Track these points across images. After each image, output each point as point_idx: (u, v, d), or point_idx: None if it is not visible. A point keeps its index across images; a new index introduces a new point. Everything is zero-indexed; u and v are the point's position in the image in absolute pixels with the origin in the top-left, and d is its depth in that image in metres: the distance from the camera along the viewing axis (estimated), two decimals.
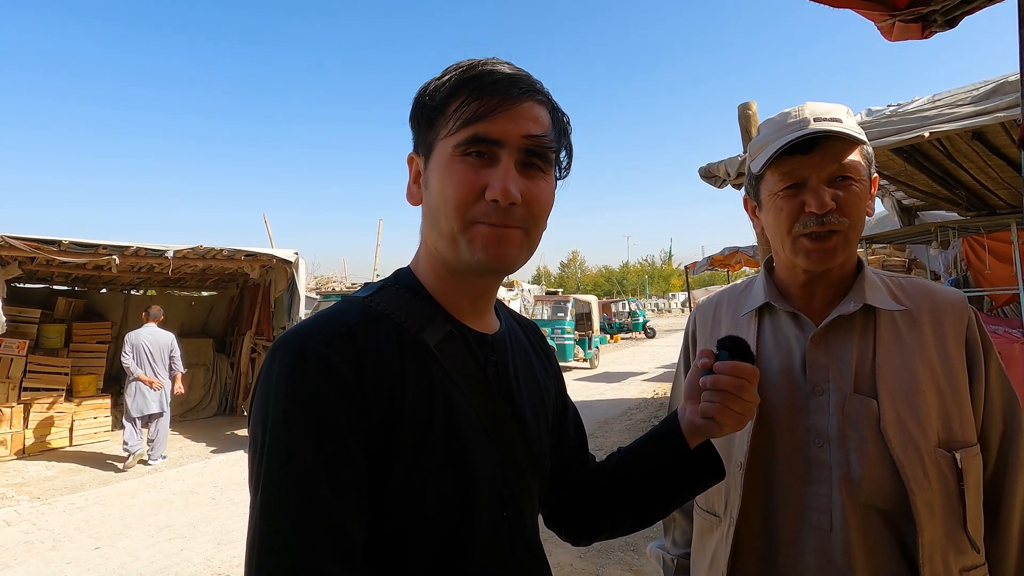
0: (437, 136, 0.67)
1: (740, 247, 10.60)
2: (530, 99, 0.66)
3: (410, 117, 0.72)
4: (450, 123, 0.65)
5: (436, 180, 0.66)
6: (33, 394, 6.79)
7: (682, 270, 13.18)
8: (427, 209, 0.69)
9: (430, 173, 0.68)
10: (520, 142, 0.64)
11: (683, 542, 1.18)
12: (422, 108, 0.69)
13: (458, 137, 0.64)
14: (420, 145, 0.71)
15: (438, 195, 0.66)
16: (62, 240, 5.69)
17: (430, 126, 0.68)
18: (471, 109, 0.63)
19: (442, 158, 0.66)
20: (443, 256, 0.68)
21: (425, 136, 0.69)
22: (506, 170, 0.63)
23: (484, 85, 0.64)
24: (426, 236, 0.72)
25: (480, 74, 0.65)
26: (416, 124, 0.71)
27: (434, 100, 0.67)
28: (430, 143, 0.68)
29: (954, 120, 3.40)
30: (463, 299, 0.72)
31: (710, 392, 0.77)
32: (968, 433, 0.86)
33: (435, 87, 0.67)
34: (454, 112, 0.65)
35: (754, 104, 3.64)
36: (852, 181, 0.88)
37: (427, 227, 0.70)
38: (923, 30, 1.09)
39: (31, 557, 3.85)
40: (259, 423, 0.58)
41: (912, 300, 0.93)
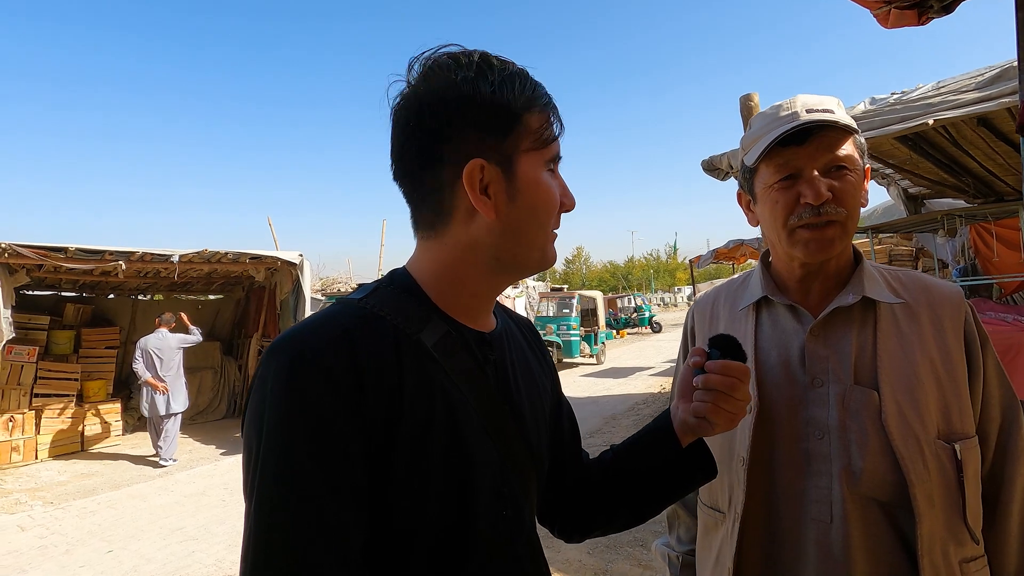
0: (517, 148, 0.66)
1: (745, 239, 10.56)
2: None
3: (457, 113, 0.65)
4: (534, 137, 0.68)
5: (534, 196, 0.68)
6: (44, 400, 6.87)
7: (687, 264, 13.18)
8: (513, 224, 0.67)
9: (520, 187, 0.67)
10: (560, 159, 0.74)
11: (688, 539, 1.18)
12: (493, 115, 0.66)
13: (548, 153, 0.69)
14: (490, 153, 0.66)
15: (539, 210, 0.68)
16: (68, 247, 5.75)
17: (504, 135, 0.66)
18: (554, 129, 0.70)
19: (535, 172, 0.68)
20: (510, 264, 0.70)
21: (500, 145, 0.66)
22: (564, 183, 0.73)
23: (554, 107, 0.71)
24: (489, 247, 0.68)
25: (547, 92, 0.71)
26: (479, 127, 0.66)
27: (515, 108, 0.66)
28: (508, 155, 0.66)
29: (959, 107, 3.36)
30: (473, 300, 0.72)
31: (702, 391, 0.76)
32: (967, 425, 0.85)
33: (508, 94, 0.66)
34: (541, 128, 0.68)
35: (756, 95, 3.61)
36: (847, 171, 0.88)
37: (505, 240, 0.68)
38: (919, 16, 1.07)
39: (45, 561, 3.90)
40: (254, 429, 0.57)
41: (910, 293, 0.92)
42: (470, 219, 0.67)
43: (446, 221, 0.68)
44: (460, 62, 0.66)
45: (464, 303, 0.71)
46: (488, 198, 0.66)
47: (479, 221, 0.67)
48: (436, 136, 0.66)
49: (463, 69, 0.66)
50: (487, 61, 0.67)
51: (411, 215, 0.73)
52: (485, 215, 0.66)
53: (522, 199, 0.67)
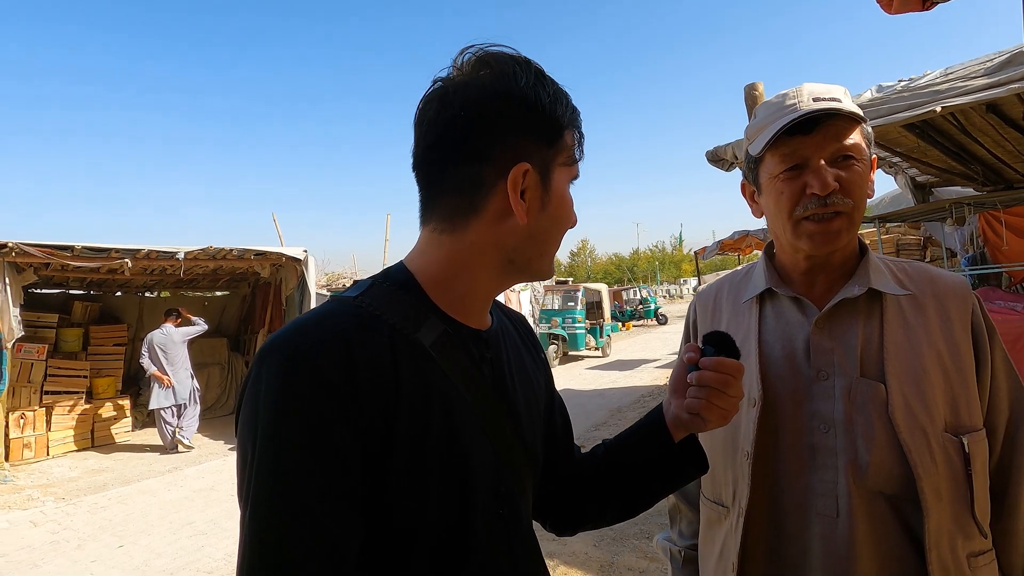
0: (554, 160, 0.69)
1: (750, 231, 10.50)
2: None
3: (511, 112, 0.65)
4: (568, 154, 0.70)
5: (561, 208, 0.70)
6: (54, 397, 6.94)
7: (693, 256, 13.08)
8: (539, 232, 0.69)
9: (554, 198, 0.69)
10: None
11: (690, 533, 1.17)
12: (550, 124, 0.67)
13: (573, 172, 0.72)
14: (535, 159, 0.66)
15: (562, 223, 0.71)
16: (75, 245, 5.78)
17: (549, 145, 0.68)
18: (579, 150, 0.73)
19: (564, 187, 0.71)
20: (525, 269, 0.71)
21: (544, 153, 0.67)
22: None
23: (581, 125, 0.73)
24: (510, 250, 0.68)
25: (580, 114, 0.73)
26: (531, 132, 0.66)
27: (561, 121, 0.68)
28: (547, 164, 0.68)
29: (968, 93, 3.31)
30: (475, 299, 0.71)
31: (695, 388, 0.76)
32: (975, 418, 0.84)
33: (558, 107, 0.68)
34: (572, 146, 0.71)
35: (761, 85, 3.57)
36: (854, 161, 0.86)
37: (528, 246, 0.69)
38: (923, 1, 1.05)
39: (57, 557, 3.95)
40: (248, 435, 0.57)
41: (916, 285, 0.91)
42: (500, 220, 0.67)
43: (472, 218, 0.67)
44: (521, 65, 0.66)
45: (464, 301, 0.70)
46: (524, 203, 0.66)
47: (508, 223, 0.67)
48: (488, 131, 0.65)
49: (525, 73, 0.66)
50: (542, 71, 0.69)
51: (424, 206, 0.71)
52: (519, 218, 0.66)
53: (551, 209, 0.69)
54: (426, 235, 0.71)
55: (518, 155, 0.65)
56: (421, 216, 0.71)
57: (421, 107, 0.68)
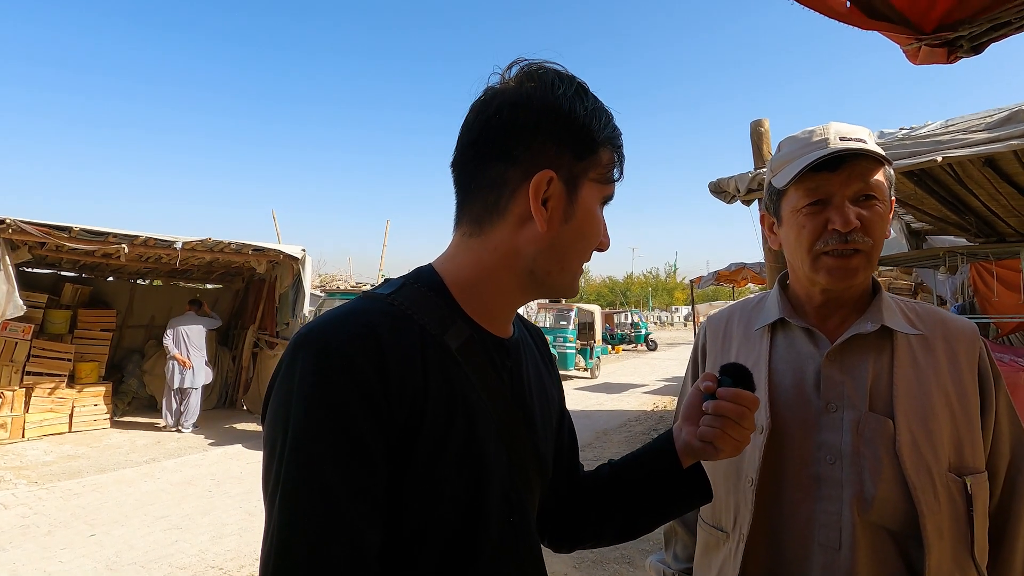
0: (584, 174, 0.69)
1: (747, 263, 10.61)
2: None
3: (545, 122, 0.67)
4: (602, 171, 0.70)
5: (588, 225, 0.70)
6: (35, 378, 6.82)
7: (686, 284, 13.14)
8: (561, 244, 0.69)
9: (580, 212, 0.69)
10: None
11: (685, 557, 1.17)
12: (582, 137, 0.68)
13: (607, 191, 0.72)
14: (561, 169, 0.67)
15: (587, 240, 0.71)
16: (73, 227, 5.74)
17: (579, 159, 0.68)
18: (619, 170, 0.73)
19: (593, 203, 0.70)
20: (545, 283, 0.71)
21: (572, 164, 0.68)
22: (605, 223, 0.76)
23: (623, 152, 0.74)
24: (530, 260, 0.69)
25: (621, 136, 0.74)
26: (561, 142, 0.67)
27: (597, 136, 0.69)
28: (576, 176, 0.68)
29: (967, 146, 3.39)
30: (500, 308, 0.72)
31: (711, 417, 0.77)
32: (978, 459, 0.86)
33: (594, 122, 0.68)
34: (607, 163, 0.71)
35: (767, 121, 3.65)
36: (876, 201, 0.89)
37: (548, 257, 0.69)
38: (948, 55, 1.10)
39: (26, 541, 3.85)
40: (278, 425, 0.57)
41: (926, 326, 0.93)
42: (520, 225, 0.68)
43: (496, 221, 0.69)
44: (563, 78, 0.69)
45: (489, 309, 0.71)
46: (545, 211, 0.67)
47: (529, 230, 0.67)
48: (519, 134, 0.67)
49: (565, 85, 0.68)
50: (585, 89, 0.70)
51: (458, 209, 0.73)
52: (539, 225, 0.66)
53: (575, 222, 0.69)
54: (456, 239, 0.72)
55: (544, 162, 0.66)
56: (455, 220, 0.73)
57: (468, 112, 0.71)
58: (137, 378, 8.57)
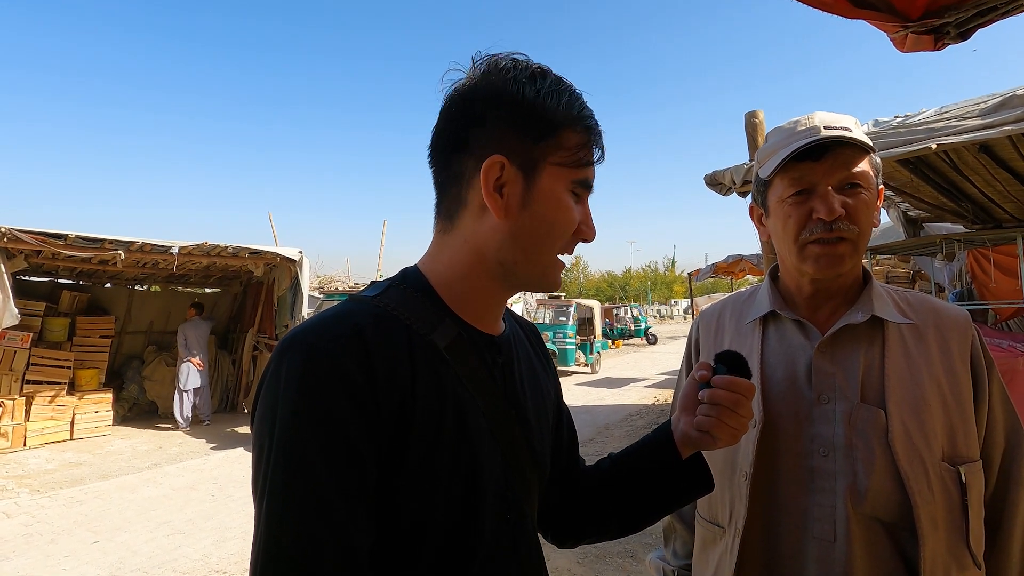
0: (543, 157, 0.66)
1: (744, 255, 10.61)
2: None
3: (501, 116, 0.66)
4: (566, 155, 0.67)
5: (550, 210, 0.67)
6: (35, 387, 6.81)
7: (685, 277, 13.17)
8: (520, 231, 0.67)
9: (537, 197, 0.66)
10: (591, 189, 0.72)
11: (684, 553, 1.17)
12: (530, 118, 0.65)
13: (576, 175, 0.68)
14: (514, 155, 0.66)
15: (550, 226, 0.67)
16: (68, 234, 5.73)
17: (535, 141, 0.66)
18: (592, 154, 0.69)
19: (558, 188, 0.67)
20: (513, 273, 0.69)
21: (527, 149, 0.66)
22: (590, 213, 0.72)
23: (599, 134, 0.70)
24: (495, 250, 0.68)
25: (594, 116, 0.70)
26: (512, 128, 0.66)
27: (553, 119, 0.66)
28: (533, 161, 0.66)
29: (961, 132, 3.39)
30: (484, 304, 0.72)
31: (707, 406, 0.76)
32: (972, 448, 0.85)
33: (546, 104, 0.65)
34: (577, 147, 0.67)
35: (761, 113, 3.63)
36: (861, 189, 0.88)
37: (509, 245, 0.67)
38: (936, 42, 1.09)
39: (30, 549, 3.86)
40: (266, 427, 0.57)
41: (918, 315, 0.92)
42: (482, 216, 0.68)
43: (462, 213, 0.69)
44: (517, 65, 0.67)
45: (474, 306, 0.71)
46: (501, 198, 0.66)
47: (489, 220, 0.67)
48: (470, 122, 0.67)
49: (517, 71, 0.67)
50: (543, 72, 0.68)
51: (435, 209, 0.73)
52: (493, 213, 0.66)
53: (535, 208, 0.66)
54: (435, 237, 0.73)
55: (495, 147, 0.65)
56: (434, 217, 0.74)
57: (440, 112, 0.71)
58: (137, 384, 8.57)
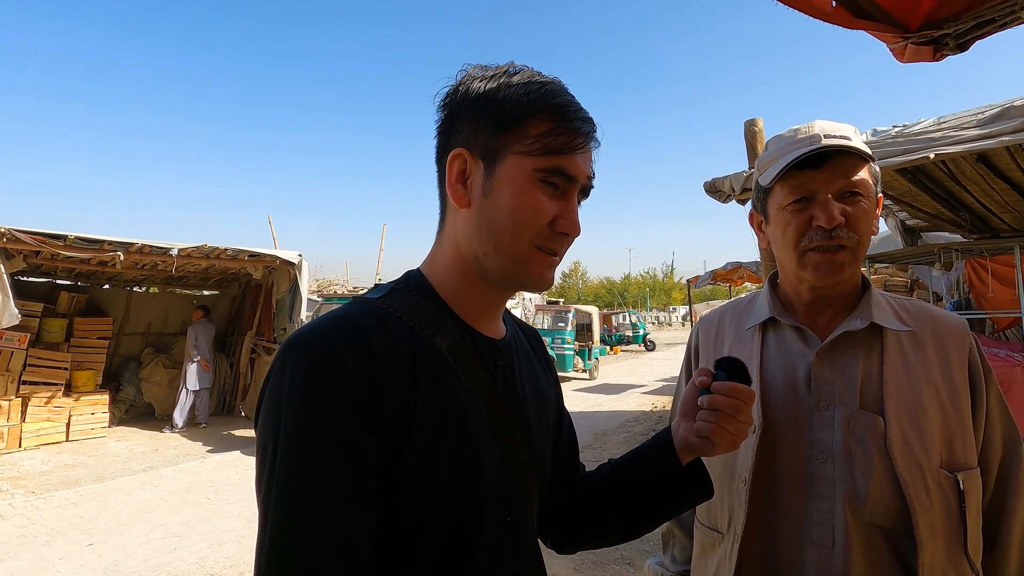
0: (506, 147, 0.66)
1: (743, 262, 10.63)
2: (593, 143, 0.71)
3: (455, 107, 0.68)
4: (531, 143, 0.65)
5: (509, 197, 0.65)
6: (32, 388, 6.78)
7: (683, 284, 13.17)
8: (483, 220, 0.67)
9: (497, 184, 0.66)
10: (585, 182, 0.70)
11: (683, 559, 1.17)
12: (491, 111, 0.66)
13: (542, 162, 0.65)
14: (475, 146, 0.67)
15: (509, 213, 0.65)
16: (68, 235, 5.73)
17: (497, 132, 0.66)
18: (561, 141, 0.65)
19: (518, 176, 0.65)
20: (487, 267, 0.68)
21: (487, 140, 0.66)
22: (575, 207, 0.69)
23: (572, 119, 0.66)
24: (467, 242, 0.69)
25: (567, 104, 0.67)
26: (469, 120, 0.67)
27: (513, 110, 0.65)
28: (495, 151, 0.66)
29: (960, 143, 3.41)
30: (481, 305, 0.72)
31: (707, 411, 0.77)
32: (970, 456, 0.86)
33: (509, 95, 0.65)
34: (542, 135, 0.65)
35: (760, 121, 3.66)
36: (860, 197, 0.89)
37: (476, 236, 0.68)
38: (935, 53, 1.10)
39: (24, 551, 3.83)
40: (270, 428, 0.58)
41: (916, 322, 0.93)
42: (457, 211, 0.70)
43: (445, 211, 0.73)
44: (488, 68, 0.69)
45: (474, 308, 0.72)
46: (465, 189, 0.68)
47: (460, 214, 0.70)
48: (446, 126, 0.71)
49: (486, 72, 0.69)
50: (513, 70, 0.69)
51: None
52: (456, 202, 0.69)
53: (496, 196, 0.66)
54: (435, 239, 0.75)
55: (458, 142, 0.68)
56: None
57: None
58: (134, 386, 8.54)
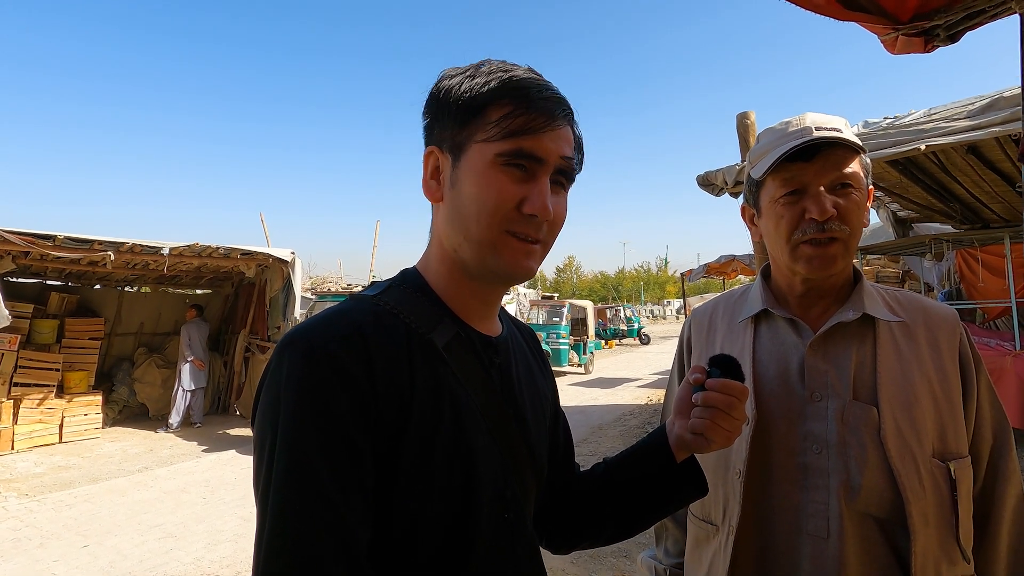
0: (471, 138, 0.66)
1: (737, 255, 10.67)
2: (567, 121, 0.68)
3: (430, 109, 0.70)
4: (491, 129, 0.64)
5: (472, 185, 0.65)
6: (24, 390, 6.72)
7: (678, 277, 13.29)
8: (453, 210, 0.67)
9: (461, 174, 0.66)
10: (557, 162, 0.67)
11: (676, 552, 1.17)
12: (453, 105, 0.66)
13: (501, 147, 0.64)
14: (444, 142, 0.68)
15: (473, 201, 0.65)
16: (57, 235, 5.66)
17: (461, 125, 0.66)
18: (519, 123, 0.64)
19: (480, 163, 0.65)
20: (464, 260, 0.68)
21: (453, 134, 0.67)
22: (544, 187, 0.66)
23: (533, 100, 0.65)
24: (445, 236, 0.70)
25: (528, 86, 0.65)
26: (441, 119, 0.68)
27: (473, 100, 0.65)
28: (460, 143, 0.66)
29: (950, 134, 3.44)
30: (473, 302, 0.72)
31: (701, 408, 0.77)
32: (961, 445, 0.87)
33: (470, 87, 0.65)
34: (500, 120, 0.64)
35: (752, 114, 3.66)
36: (852, 189, 0.89)
37: (449, 228, 0.68)
38: (925, 44, 1.10)
39: (18, 554, 3.81)
40: (267, 425, 0.58)
41: (908, 313, 0.94)
42: (437, 209, 0.72)
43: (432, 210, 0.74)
44: (456, 68, 0.70)
45: (469, 305, 0.72)
46: (438, 184, 0.69)
47: (438, 210, 0.71)
48: (426, 130, 0.73)
49: (456, 71, 0.69)
50: (476, 67, 0.69)
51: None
52: (430, 198, 0.71)
53: (460, 186, 0.66)
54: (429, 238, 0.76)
55: (434, 141, 0.70)
56: None
57: None
58: (127, 386, 8.49)
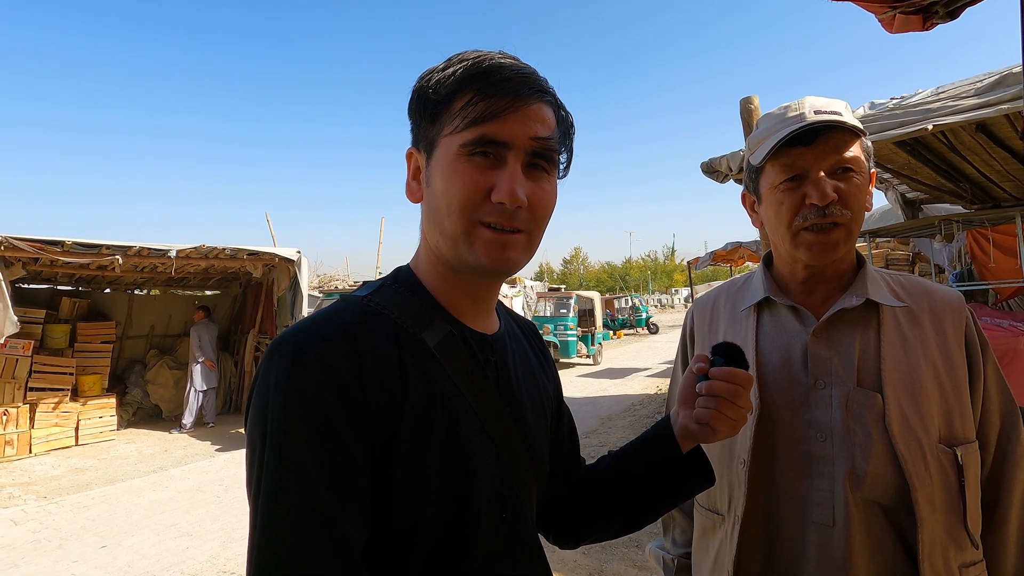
0: (440, 132, 0.65)
1: (743, 242, 10.58)
2: (539, 100, 0.65)
3: (409, 110, 0.70)
4: (456, 120, 0.63)
5: (440, 179, 0.64)
6: (39, 394, 6.82)
7: (685, 265, 13.20)
8: (429, 208, 0.68)
9: (433, 170, 0.66)
10: (528, 144, 0.64)
11: (683, 541, 1.17)
12: (424, 102, 0.66)
13: (464, 136, 0.63)
14: (421, 140, 0.69)
15: (442, 194, 0.64)
16: (65, 240, 5.72)
17: (432, 121, 0.66)
18: (479, 108, 0.62)
19: (446, 156, 0.64)
20: (444, 256, 0.68)
21: (427, 131, 0.67)
22: (513, 173, 0.63)
23: (493, 83, 0.63)
24: (427, 234, 0.70)
25: (488, 70, 0.63)
26: (417, 118, 0.69)
27: (438, 95, 0.64)
28: (432, 139, 0.66)
29: (958, 112, 3.37)
30: (464, 299, 0.71)
31: (705, 398, 0.76)
32: (968, 430, 0.85)
33: (438, 80, 0.65)
34: (461, 110, 0.63)
35: (756, 98, 3.62)
36: (853, 173, 0.87)
37: (428, 226, 0.69)
38: (924, 22, 1.08)
39: (38, 556, 3.88)
40: (257, 428, 0.57)
41: (912, 297, 0.92)
42: (421, 208, 0.72)
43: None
44: (436, 65, 0.68)
45: (460, 303, 0.71)
46: (420, 184, 0.70)
47: (422, 209, 0.71)
48: (411, 132, 0.72)
49: (429, 70, 0.68)
50: (451, 58, 0.67)
51: None
52: (411, 199, 0.71)
53: (433, 182, 0.66)
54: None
55: (413, 142, 0.71)
56: None
57: None
58: (140, 388, 8.59)
